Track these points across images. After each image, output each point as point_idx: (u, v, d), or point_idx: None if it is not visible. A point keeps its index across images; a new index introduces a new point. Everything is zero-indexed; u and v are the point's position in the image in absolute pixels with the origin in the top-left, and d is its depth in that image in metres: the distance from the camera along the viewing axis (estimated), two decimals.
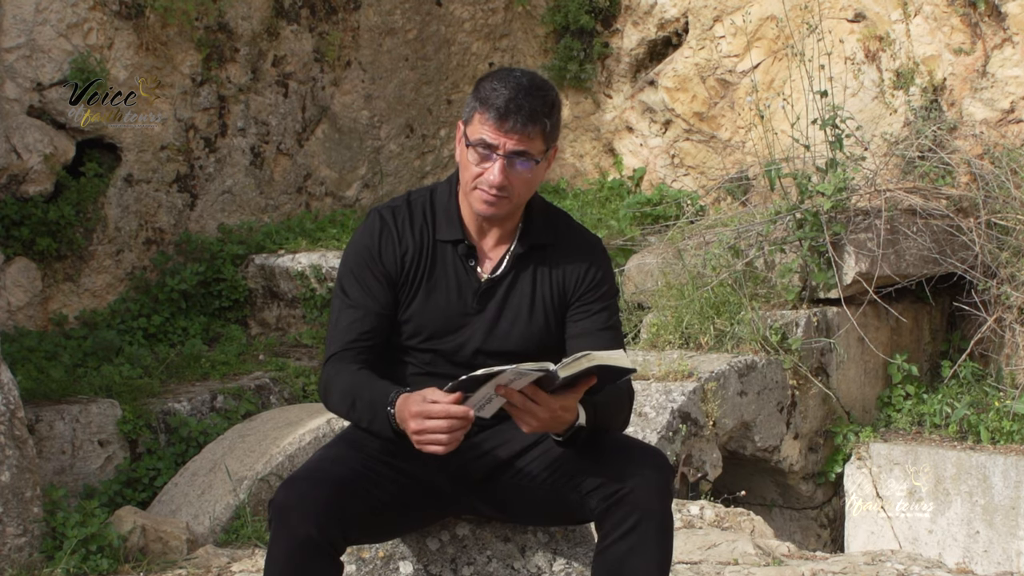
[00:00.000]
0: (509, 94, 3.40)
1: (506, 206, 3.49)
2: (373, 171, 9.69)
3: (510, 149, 3.41)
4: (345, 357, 3.52)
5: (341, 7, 9.44)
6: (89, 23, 7.98)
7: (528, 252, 3.60)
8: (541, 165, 3.50)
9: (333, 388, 3.50)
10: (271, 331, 8.50)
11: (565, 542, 3.73)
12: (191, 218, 8.67)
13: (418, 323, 3.55)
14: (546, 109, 3.43)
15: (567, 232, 3.67)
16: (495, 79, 3.45)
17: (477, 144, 3.43)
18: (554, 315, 3.59)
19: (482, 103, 3.43)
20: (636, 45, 9.86)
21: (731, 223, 7.71)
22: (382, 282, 3.55)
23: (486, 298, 3.57)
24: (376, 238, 3.58)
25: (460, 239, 3.58)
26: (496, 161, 3.42)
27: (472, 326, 3.55)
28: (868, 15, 8.54)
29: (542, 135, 3.44)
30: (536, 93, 3.43)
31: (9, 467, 5.43)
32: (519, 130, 3.39)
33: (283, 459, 6.16)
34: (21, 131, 7.75)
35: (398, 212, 3.61)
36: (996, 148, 7.80)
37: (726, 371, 6.69)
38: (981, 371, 7.50)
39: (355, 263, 3.58)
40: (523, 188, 3.49)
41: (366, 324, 3.53)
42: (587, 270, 3.61)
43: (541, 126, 3.42)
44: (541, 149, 3.46)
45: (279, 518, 3.26)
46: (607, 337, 3.55)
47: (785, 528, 7.30)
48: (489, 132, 3.41)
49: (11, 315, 7.78)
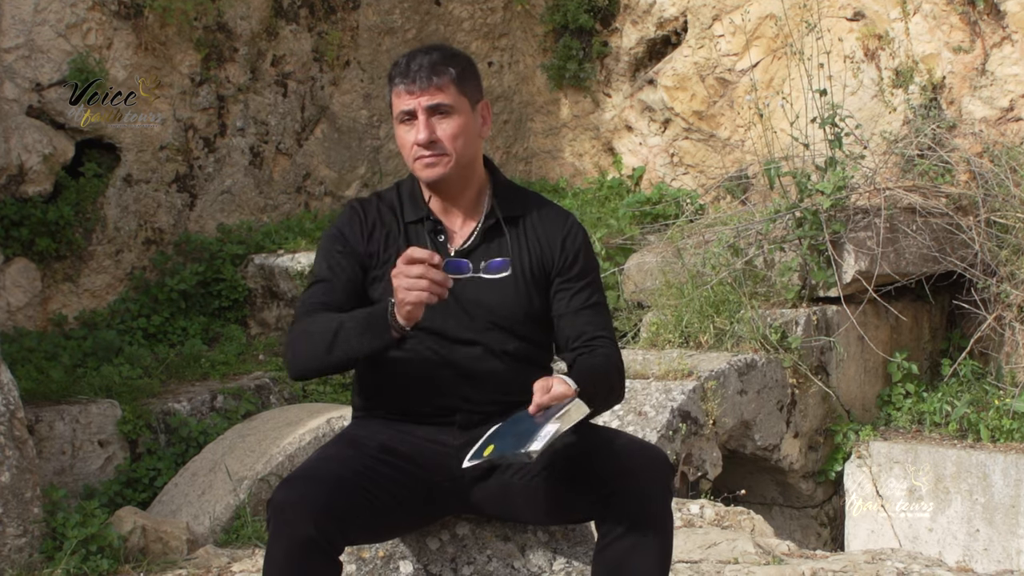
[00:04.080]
0: (408, 59, 3.57)
1: (447, 164, 3.57)
2: (372, 171, 9.69)
3: (425, 105, 3.52)
4: (311, 311, 3.54)
5: (340, 7, 9.44)
6: (88, 23, 7.98)
7: (498, 225, 3.66)
8: (468, 118, 3.59)
9: (303, 334, 3.47)
10: (271, 331, 8.50)
11: (565, 541, 3.73)
12: (190, 218, 8.67)
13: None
14: (446, 60, 3.57)
15: (538, 205, 3.74)
16: (397, 59, 3.63)
17: (400, 118, 3.56)
18: (535, 286, 3.62)
19: (391, 80, 3.58)
20: (635, 44, 9.86)
21: (731, 222, 7.71)
22: (348, 257, 3.61)
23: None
24: (348, 225, 3.67)
25: (425, 216, 3.65)
26: (419, 120, 3.53)
27: (452, 301, 3.56)
28: (867, 14, 8.54)
29: (452, 84, 3.55)
30: (434, 50, 3.60)
31: (9, 467, 5.43)
32: (426, 85, 3.52)
33: (283, 459, 6.16)
34: (20, 131, 7.75)
35: (368, 202, 3.72)
36: (995, 146, 7.80)
37: (726, 370, 6.69)
38: (981, 369, 7.50)
39: (327, 246, 3.66)
40: (455, 142, 3.57)
41: (333, 293, 3.58)
42: (563, 241, 3.67)
43: (448, 76, 3.54)
44: (459, 99, 3.57)
45: (278, 518, 3.26)
46: (588, 315, 3.62)
47: (785, 527, 7.30)
48: (404, 100, 3.54)
49: (11, 315, 7.78)
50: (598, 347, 3.59)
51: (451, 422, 3.57)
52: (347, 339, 3.40)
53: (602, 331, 3.63)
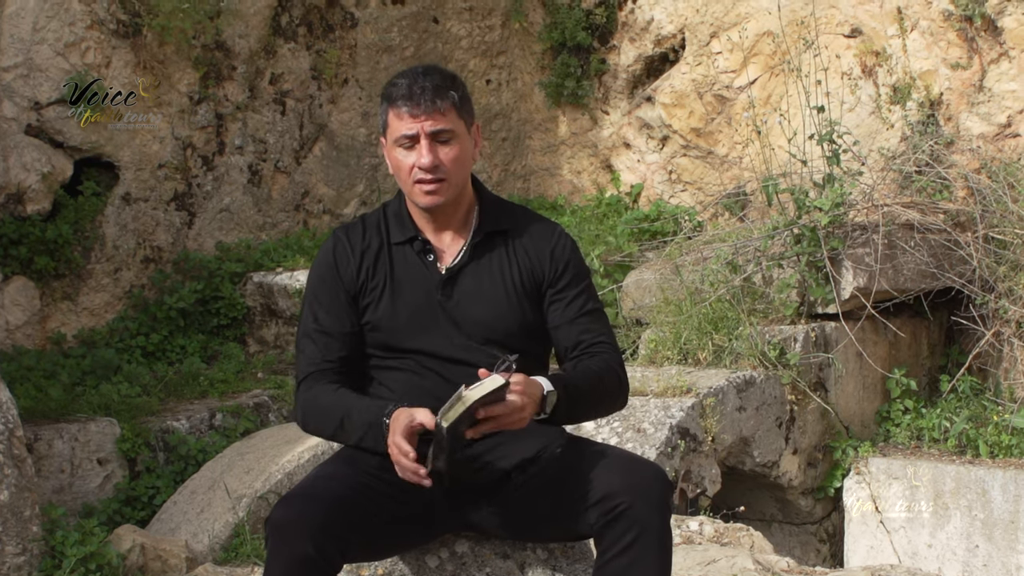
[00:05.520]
0: (409, 81, 3.57)
1: (446, 190, 3.59)
2: (371, 189, 9.69)
3: (429, 130, 3.54)
4: (319, 378, 3.59)
5: (338, 25, 9.46)
6: (87, 42, 7.99)
7: (486, 240, 3.68)
8: (466, 142, 3.62)
9: (313, 408, 3.60)
10: (269, 349, 8.50)
11: (564, 558, 3.73)
12: (189, 236, 8.67)
13: (391, 326, 3.60)
14: (447, 83, 3.59)
15: (525, 218, 3.77)
16: (394, 79, 3.64)
17: (400, 141, 3.56)
18: (527, 300, 3.63)
19: (391, 101, 3.59)
20: (633, 61, 9.87)
21: (729, 239, 7.71)
22: (345, 302, 3.65)
23: (451, 289, 3.63)
24: (331, 255, 3.70)
25: (414, 236, 3.67)
26: (421, 144, 3.54)
27: (446, 320, 3.58)
28: (864, 30, 8.56)
29: (454, 109, 3.58)
30: (433, 72, 3.60)
31: (8, 486, 5.42)
32: (430, 109, 3.54)
33: (282, 477, 6.15)
34: (19, 150, 7.76)
35: (352, 228, 3.74)
36: (993, 162, 7.81)
37: (724, 387, 6.69)
38: (980, 385, 7.50)
39: (318, 285, 3.70)
40: (455, 167, 3.59)
41: (335, 346, 3.65)
42: (552, 252, 3.69)
43: (449, 100, 3.57)
44: (458, 123, 3.59)
45: (276, 536, 3.27)
46: (585, 322, 3.64)
47: (784, 543, 7.30)
48: (406, 123, 3.55)
49: (9, 334, 7.78)
50: (598, 352, 3.60)
51: None
52: (348, 434, 3.53)
53: (601, 336, 3.64)
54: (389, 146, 3.63)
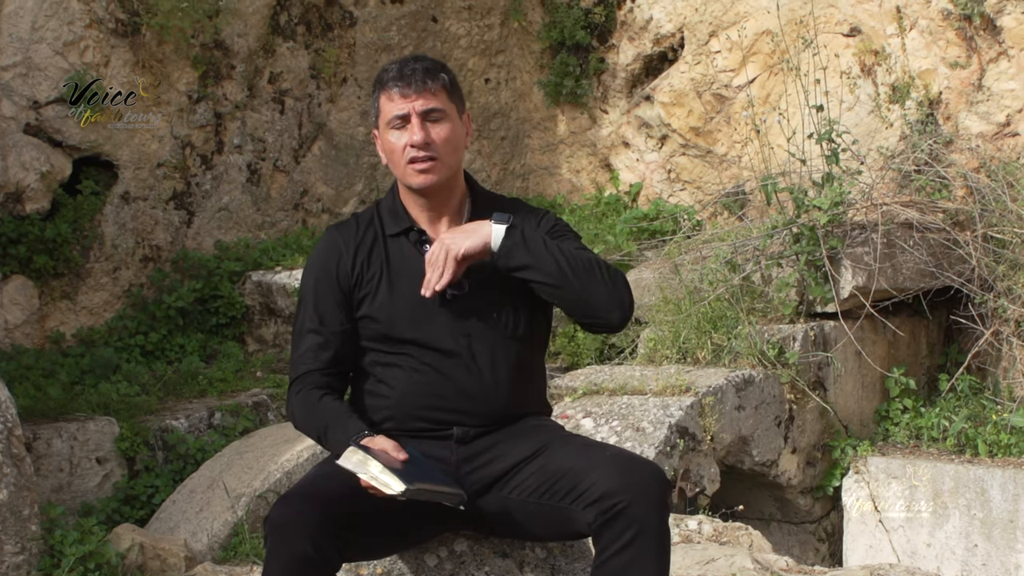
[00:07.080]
0: (399, 64, 3.64)
1: (439, 170, 3.61)
2: (369, 187, 9.69)
3: (420, 109, 3.59)
4: (307, 382, 3.61)
5: (337, 24, 9.46)
6: (85, 41, 7.99)
7: None
8: (458, 125, 3.66)
9: (299, 414, 3.65)
10: (268, 348, 8.50)
11: (563, 557, 3.73)
12: (188, 235, 8.66)
13: (390, 316, 3.59)
14: (437, 66, 3.66)
15: (516, 207, 3.77)
16: (384, 67, 3.70)
17: (392, 123, 3.61)
18: (523, 286, 3.61)
19: (382, 85, 3.64)
20: (632, 60, 9.87)
21: (728, 238, 7.71)
22: (339, 301, 3.66)
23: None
24: (325, 253, 3.71)
25: (409, 227, 3.69)
26: (413, 123, 3.59)
27: (444, 309, 3.58)
28: (863, 29, 8.56)
29: (444, 90, 3.63)
30: (423, 57, 3.68)
31: (7, 485, 5.42)
32: (421, 88, 3.59)
33: (281, 476, 6.15)
34: (18, 149, 7.76)
35: (345, 225, 3.77)
36: (992, 161, 7.80)
37: (724, 386, 6.69)
38: (979, 384, 7.50)
39: (311, 283, 3.71)
40: (447, 147, 3.62)
41: (327, 345, 3.65)
42: (538, 225, 3.71)
43: (440, 81, 3.62)
44: (449, 105, 3.64)
45: (275, 535, 3.27)
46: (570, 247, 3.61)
47: (783, 542, 7.29)
48: (397, 104, 3.60)
49: (8, 333, 7.78)
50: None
51: (448, 436, 3.57)
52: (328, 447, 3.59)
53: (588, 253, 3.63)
54: (382, 132, 3.66)
